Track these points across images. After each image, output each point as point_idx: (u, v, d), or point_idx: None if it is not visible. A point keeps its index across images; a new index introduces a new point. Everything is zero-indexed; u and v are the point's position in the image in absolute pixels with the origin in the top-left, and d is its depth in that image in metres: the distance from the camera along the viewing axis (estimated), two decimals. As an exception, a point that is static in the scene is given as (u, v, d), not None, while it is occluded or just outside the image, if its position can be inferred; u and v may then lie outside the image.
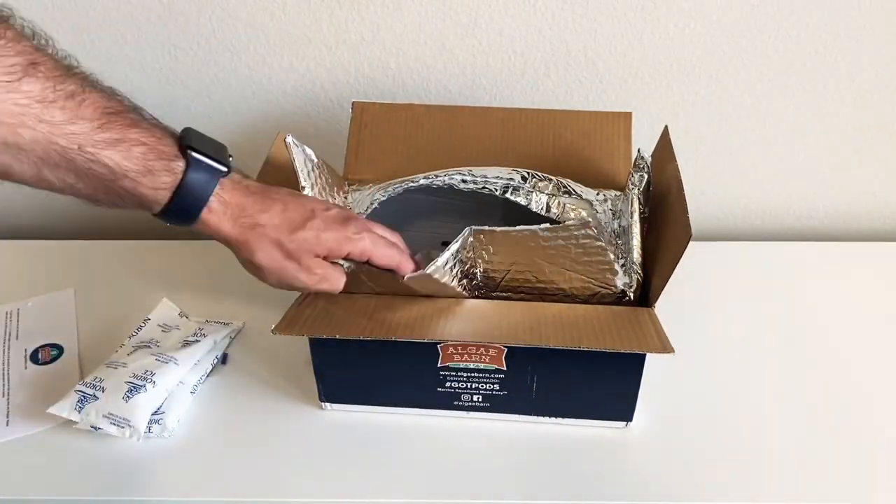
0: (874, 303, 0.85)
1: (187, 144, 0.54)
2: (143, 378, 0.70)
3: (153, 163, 0.51)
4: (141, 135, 0.51)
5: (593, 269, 0.65)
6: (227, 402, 0.74)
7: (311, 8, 0.88)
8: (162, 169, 0.52)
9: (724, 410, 0.72)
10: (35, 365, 0.78)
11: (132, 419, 0.67)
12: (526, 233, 0.64)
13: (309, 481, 0.66)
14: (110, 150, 0.49)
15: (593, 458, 0.67)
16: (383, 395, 0.71)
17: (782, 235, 1.04)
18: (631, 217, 0.70)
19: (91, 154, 0.49)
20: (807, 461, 0.67)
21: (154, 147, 0.52)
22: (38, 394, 0.73)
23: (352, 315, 0.65)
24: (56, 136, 0.47)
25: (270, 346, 0.79)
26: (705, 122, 0.95)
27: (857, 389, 0.74)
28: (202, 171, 0.54)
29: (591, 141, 0.83)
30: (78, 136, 0.48)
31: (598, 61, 0.90)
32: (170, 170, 0.53)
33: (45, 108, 0.46)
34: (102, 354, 0.76)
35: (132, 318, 0.82)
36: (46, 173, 0.49)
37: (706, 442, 0.69)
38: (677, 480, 0.66)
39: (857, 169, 0.98)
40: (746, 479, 0.65)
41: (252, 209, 0.57)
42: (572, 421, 0.70)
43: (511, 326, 0.64)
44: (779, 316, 0.83)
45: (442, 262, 0.64)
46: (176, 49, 0.92)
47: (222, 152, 0.57)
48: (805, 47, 0.89)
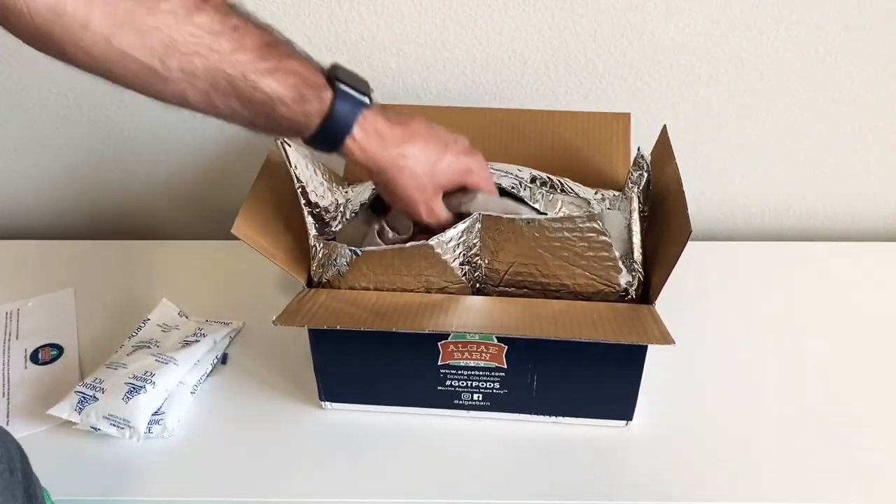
0: (874, 303, 0.85)
1: (335, 76, 0.58)
2: (142, 379, 0.70)
3: (305, 91, 0.56)
4: (295, 65, 0.56)
5: (597, 266, 0.65)
6: (227, 402, 0.74)
7: (311, 8, 0.88)
8: (313, 97, 0.56)
9: (723, 410, 0.72)
10: (35, 365, 0.78)
11: (132, 420, 0.67)
12: (532, 223, 0.65)
13: (309, 481, 0.66)
14: (269, 78, 0.54)
15: (593, 457, 0.67)
16: (383, 394, 0.71)
17: (782, 235, 1.04)
18: (631, 216, 0.70)
19: (253, 81, 0.53)
20: (807, 461, 0.67)
21: (306, 77, 0.56)
22: (38, 394, 0.73)
23: (353, 308, 0.65)
24: (224, 64, 0.52)
25: (270, 346, 0.79)
26: (705, 122, 0.95)
27: (857, 389, 0.74)
28: (347, 101, 0.58)
29: (591, 141, 0.83)
30: (242, 65, 0.52)
31: (598, 61, 0.90)
32: (320, 98, 0.57)
33: (215, 38, 0.51)
34: (102, 354, 0.76)
35: (132, 318, 0.82)
36: (214, 99, 0.53)
37: (706, 441, 0.69)
38: (677, 480, 0.66)
39: (857, 169, 0.98)
40: (746, 479, 0.65)
41: (395, 140, 0.61)
42: (573, 420, 0.70)
43: (511, 321, 0.65)
44: (778, 316, 0.83)
45: (447, 237, 0.64)
46: (176, 49, 0.92)
47: (366, 86, 0.61)
48: (805, 47, 0.89)
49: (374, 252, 0.65)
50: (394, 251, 0.65)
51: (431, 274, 0.67)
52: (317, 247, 0.68)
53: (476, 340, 0.65)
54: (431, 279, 0.67)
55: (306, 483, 0.66)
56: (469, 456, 0.68)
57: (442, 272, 0.66)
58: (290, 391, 0.74)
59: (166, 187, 1.03)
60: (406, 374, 0.69)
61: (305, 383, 0.72)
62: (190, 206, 1.05)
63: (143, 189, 1.03)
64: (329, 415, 0.72)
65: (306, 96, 0.56)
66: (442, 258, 0.65)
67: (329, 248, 0.67)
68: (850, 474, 0.66)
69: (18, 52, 0.92)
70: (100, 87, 0.53)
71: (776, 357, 0.78)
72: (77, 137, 0.99)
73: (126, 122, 0.97)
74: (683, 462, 0.67)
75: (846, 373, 0.76)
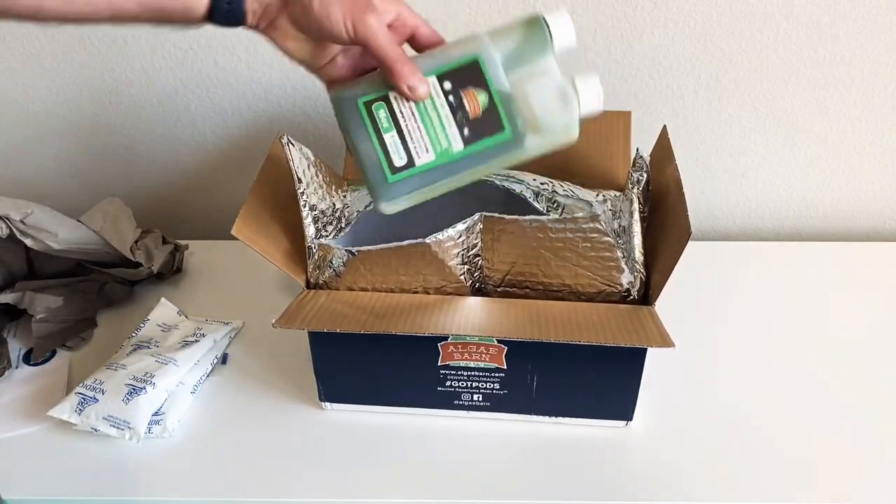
0: (874, 303, 0.85)
1: None
2: (142, 380, 0.70)
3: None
4: None
5: (599, 266, 0.65)
6: (227, 402, 0.74)
7: (311, 8, 0.88)
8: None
9: (723, 410, 0.72)
10: (27, 365, 0.78)
11: (132, 421, 0.67)
12: (535, 223, 0.64)
13: (309, 481, 0.66)
14: None
15: (593, 457, 0.67)
16: (383, 395, 0.71)
17: (782, 235, 1.04)
18: (631, 216, 0.70)
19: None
20: (807, 461, 0.67)
21: None
22: (27, 394, 0.74)
23: (352, 310, 0.65)
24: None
25: (270, 346, 0.79)
26: (705, 122, 0.95)
27: (857, 389, 0.74)
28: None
29: (590, 140, 0.83)
30: None
31: (598, 61, 0.90)
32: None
33: None
34: (100, 356, 0.76)
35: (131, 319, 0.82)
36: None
37: (706, 441, 0.69)
38: (677, 480, 0.66)
39: (857, 169, 0.98)
40: (746, 479, 0.65)
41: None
42: (572, 420, 0.70)
43: (512, 322, 0.64)
44: (779, 316, 0.83)
45: (444, 236, 0.64)
46: (176, 49, 0.92)
47: None
48: (805, 47, 0.89)
49: (370, 252, 0.65)
50: (391, 250, 0.65)
51: (429, 273, 0.67)
52: (312, 248, 0.68)
53: (476, 341, 0.65)
54: (429, 278, 0.67)
55: (306, 483, 0.66)
56: (469, 456, 0.68)
57: (439, 271, 0.66)
58: (290, 391, 0.74)
59: (166, 187, 1.03)
60: (406, 375, 0.69)
61: (305, 383, 0.72)
62: (189, 205, 1.05)
63: (142, 189, 1.03)
64: (329, 415, 0.72)
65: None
66: (439, 257, 0.65)
67: (324, 249, 0.67)
68: (850, 474, 0.66)
69: (20, 54, 0.92)
70: (99, 87, 0.53)
71: (776, 357, 0.78)
72: (77, 137, 0.99)
73: (126, 121, 0.97)
74: (683, 462, 0.67)
75: (846, 373, 0.76)
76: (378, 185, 0.58)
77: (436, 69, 0.56)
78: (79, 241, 0.80)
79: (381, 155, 0.57)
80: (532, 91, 0.56)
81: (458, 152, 0.57)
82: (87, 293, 0.83)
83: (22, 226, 0.77)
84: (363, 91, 0.56)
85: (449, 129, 0.56)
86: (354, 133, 0.57)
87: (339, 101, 0.57)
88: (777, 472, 0.66)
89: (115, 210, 0.89)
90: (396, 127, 0.56)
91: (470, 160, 0.57)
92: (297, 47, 0.55)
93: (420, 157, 0.57)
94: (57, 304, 0.80)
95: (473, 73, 0.55)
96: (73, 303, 0.81)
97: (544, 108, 0.57)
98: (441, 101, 0.56)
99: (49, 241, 0.78)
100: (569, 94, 0.57)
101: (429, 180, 0.58)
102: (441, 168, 0.57)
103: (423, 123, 0.56)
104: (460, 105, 0.56)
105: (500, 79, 0.56)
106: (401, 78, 0.53)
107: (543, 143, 0.58)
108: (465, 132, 0.56)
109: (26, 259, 0.83)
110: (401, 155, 0.57)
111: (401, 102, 0.56)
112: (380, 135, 0.56)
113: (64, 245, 0.78)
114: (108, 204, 0.90)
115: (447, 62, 0.56)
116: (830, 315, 0.84)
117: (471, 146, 0.56)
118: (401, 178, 0.57)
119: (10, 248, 0.81)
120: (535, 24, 0.56)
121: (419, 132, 0.56)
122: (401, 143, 0.56)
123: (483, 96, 0.56)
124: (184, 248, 0.93)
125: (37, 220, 0.77)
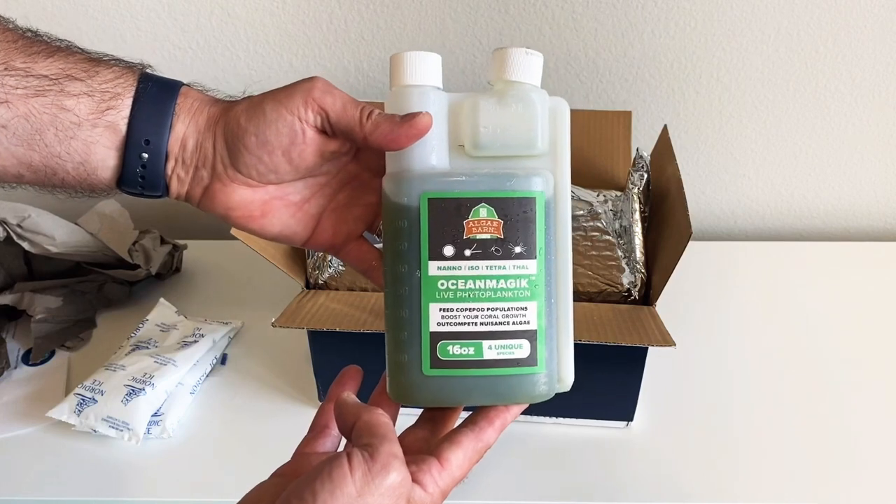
0: (874, 302, 0.85)
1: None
2: (141, 381, 0.69)
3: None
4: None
5: (600, 265, 0.65)
6: (227, 402, 0.74)
7: (311, 7, 0.88)
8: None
9: (724, 410, 0.72)
10: (26, 366, 0.78)
11: (131, 423, 0.67)
12: None
13: (309, 482, 0.66)
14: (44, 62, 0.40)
15: (594, 458, 0.67)
16: (383, 395, 0.71)
17: (782, 235, 1.04)
18: (632, 216, 0.70)
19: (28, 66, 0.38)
20: (807, 461, 0.67)
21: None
22: (26, 395, 0.74)
23: (352, 310, 0.65)
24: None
25: (270, 346, 0.79)
26: (705, 122, 0.95)
27: (857, 389, 0.74)
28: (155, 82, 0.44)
29: (591, 139, 0.83)
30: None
31: (599, 60, 0.90)
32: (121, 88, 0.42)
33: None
34: (99, 356, 0.76)
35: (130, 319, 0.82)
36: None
37: (707, 442, 0.69)
38: (677, 480, 0.66)
39: (857, 169, 0.98)
40: (746, 479, 0.65)
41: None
42: (573, 421, 0.70)
43: None
44: (779, 316, 0.83)
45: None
46: (176, 49, 0.92)
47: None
48: (805, 47, 0.89)
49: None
50: None
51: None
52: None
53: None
54: None
55: (306, 484, 0.66)
56: (469, 456, 0.68)
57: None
58: (289, 391, 0.74)
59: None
60: (406, 375, 0.69)
61: (305, 383, 0.72)
62: (189, 205, 1.05)
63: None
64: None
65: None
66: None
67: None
68: (850, 474, 0.65)
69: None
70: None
71: (776, 357, 0.78)
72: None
73: (125, 121, 0.97)
74: (683, 462, 0.67)
75: (846, 373, 0.76)
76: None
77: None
78: (76, 243, 0.79)
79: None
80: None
81: None
82: (86, 294, 0.83)
83: (19, 229, 0.76)
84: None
85: None
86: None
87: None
88: (777, 473, 0.66)
89: (112, 212, 0.89)
90: None
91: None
92: (264, 217, 0.44)
93: None
94: (56, 305, 0.80)
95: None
96: (72, 303, 0.81)
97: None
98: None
99: (47, 245, 0.77)
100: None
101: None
102: None
103: None
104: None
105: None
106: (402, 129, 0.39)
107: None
108: None
109: (25, 260, 0.83)
110: None
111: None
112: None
113: (61, 248, 0.78)
114: (105, 206, 0.90)
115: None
116: (830, 315, 0.83)
117: None
118: None
119: (8, 249, 0.80)
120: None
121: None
122: None
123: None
124: (182, 248, 0.92)
125: (34, 224, 0.77)
